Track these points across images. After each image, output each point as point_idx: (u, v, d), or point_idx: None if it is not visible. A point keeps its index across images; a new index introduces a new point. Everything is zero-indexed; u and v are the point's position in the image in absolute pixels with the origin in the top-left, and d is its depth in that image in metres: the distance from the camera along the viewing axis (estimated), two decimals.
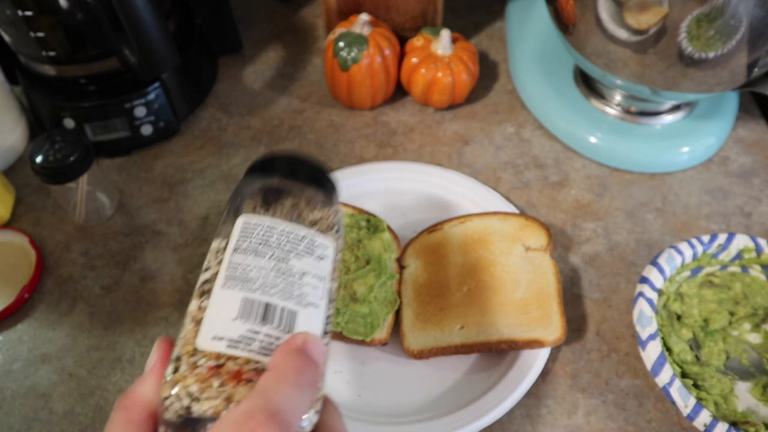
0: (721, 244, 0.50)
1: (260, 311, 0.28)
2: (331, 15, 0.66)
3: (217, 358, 0.26)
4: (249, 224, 0.30)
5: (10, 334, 0.51)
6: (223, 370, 0.26)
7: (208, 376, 0.26)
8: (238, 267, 0.29)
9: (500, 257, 0.50)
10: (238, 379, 0.26)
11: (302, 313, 0.28)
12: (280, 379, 0.25)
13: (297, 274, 0.29)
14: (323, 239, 0.31)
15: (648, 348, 0.45)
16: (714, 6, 0.44)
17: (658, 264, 0.48)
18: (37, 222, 0.57)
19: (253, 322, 0.27)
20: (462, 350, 0.46)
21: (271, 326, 0.27)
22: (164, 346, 0.29)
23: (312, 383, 0.26)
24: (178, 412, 0.25)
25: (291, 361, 0.26)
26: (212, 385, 0.25)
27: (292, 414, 0.25)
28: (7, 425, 0.46)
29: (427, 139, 0.62)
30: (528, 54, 0.66)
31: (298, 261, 0.30)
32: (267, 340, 0.27)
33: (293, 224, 0.31)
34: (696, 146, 0.59)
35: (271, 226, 0.30)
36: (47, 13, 0.52)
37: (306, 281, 0.29)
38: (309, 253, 0.30)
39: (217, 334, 0.27)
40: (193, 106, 0.65)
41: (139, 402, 0.27)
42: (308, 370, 0.26)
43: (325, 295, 0.30)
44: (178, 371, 0.26)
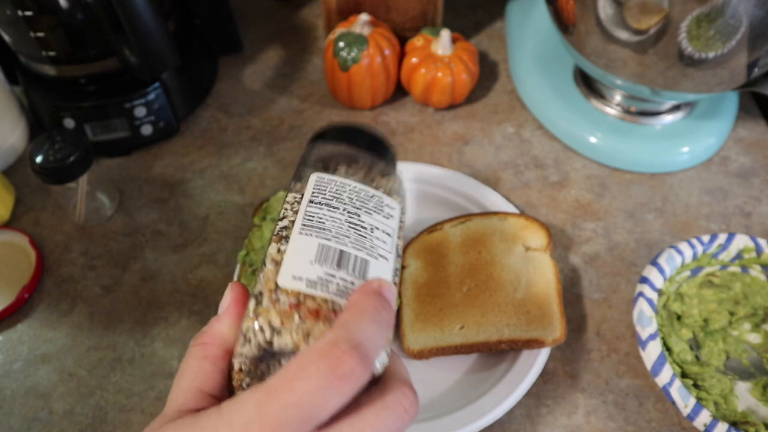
0: (721, 244, 0.50)
1: (336, 257, 0.29)
2: (331, 15, 0.66)
3: (297, 296, 0.27)
4: (323, 180, 0.32)
5: (10, 334, 0.51)
6: (302, 307, 0.27)
7: (290, 311, 0.27)
8: (314, 217, 0.30)
9: (500, 257, 0.50)
10: (317, 315, 0.27)
11: (373, 263, 0.30)
12: (360, 314, 0.27)
13: (368, 227, 0.31)
14: (390, 200, 0.33)
15: (648, 348, 0.45)
16: (714, 6, 0.44)
17: (658, 264, 0.48)
18: (37, 222, 0.57)
19: (329, 266, 0.29)
20: (462, 350, 0.46)
21: (345, 272, 0.29)
22: (238, 288, 0.30)
23: (388, 323, 0.28)
24: (260, 343, 0.27)
25: (369, 300, 0.27)
26: (293, 320, 0.27)
27: (371, 348, 0.26)
28: (7, 425, 0.46)
29: (427, 139, 0.62)
30: (528, 54, 0.66)
31: (368, 216, 0.32)
32: (342, 283, 0.28)
33: (362, 184, 0.33)
34: (696, 146, 0.59)
35: (343, 182, 0.32)
36: (47, 13, 0.52)
37: (376, 235, 0.31)
38: (378, 211, 0.32)
39: (297, 274, 0.28)
40: (193, 106, 0.65)
41: (216, 338, 0.29)
42: (385, 310, 0.27)
43: (393, 250, 0.32)
44: (260, 305, 0.27)
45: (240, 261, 0.50)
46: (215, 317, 0.30)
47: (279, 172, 0.60)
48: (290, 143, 0.62)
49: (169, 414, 0.27)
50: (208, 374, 0.28)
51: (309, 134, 0.63)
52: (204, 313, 0.51)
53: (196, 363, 0.28)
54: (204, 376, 0.28)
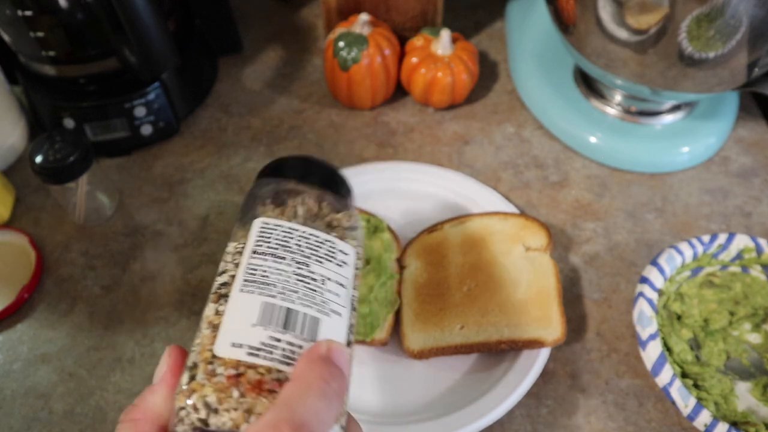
0: (722, 244, 0.50)
1: (281, 317, 0.26)
2: (331, 15, 0.66)
3: (237, 367, 0.24)
4: (267, 226, 0.29)
5: (10, 334, 0.51)
6: (243, 379, 0.24)
7: (228, 385, 0.24)
8: (257, 270, 0.27)
9: (500, 257, 0.50)
10: (260, 389, 0.24)
11: (325, 320, 0.27)
12: (305, 389, 0.24)
13: (318, 279, 0.28)
14: (343, 245, 0.30)
15: (648, 348, 0.45)
16: (714, 6, 0.44)
17: (658, 264, 0.48)
18: (37, 222, 0.57)
19: (274, 329, 0.26)
20: (462, 350, 0.46)
21: (293, 334, 0.26)
22: (175, 354, 0.27)
23: (338, 393, 0.25)
24: (194, 424, 0.24)
25: (316, 370, 0.24)
26: (232, 396, 0.24)
27: (318, 427, 0.23)
28: (7, 425, 0.46)
29: (427, 139, 0.62)
30: (528, 54, 0.66)
31: (318, 266, 0.28)
32: (289, 348, 0.25)
33: (312, 228, 0.29)
34: (696, 146, 0.59)
35: (290, 228, 0.29)
36: (47, 13, 0.52)
37: (328, 287, 0.28)
38: (330, 258, 0.29)
39: (237, 341, 0.25)
40: (193, 106, 0.65)
41: (148, 414, 0.26)
42: (334, 380, 0.24)
43: (347, 303, 0.29)
44: (194, 379, 0.24)
45: None
46: (149, 388, 0.26)
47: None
48: (290, 143, 0.62)
49: None
50: None
51: (309, 134, 0.63)
52: None
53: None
54: None
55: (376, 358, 0.48)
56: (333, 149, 0.61)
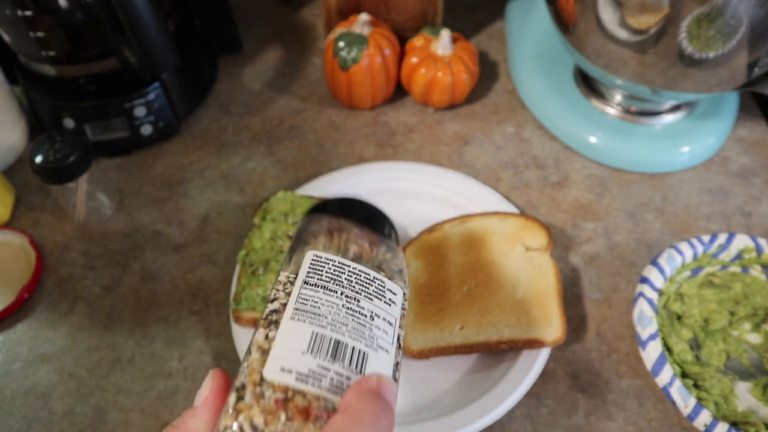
0: (722, 244, 0.50)
1: (330, 348, 0.26)
2: (331, 15, 0.66)
3: (285, 391, 0.24)
4: (319, 259, 0.29)
5: (10, 334, 0.51)
6: (290, 404, 0.24)
7: (275, 408, 0.24)
8: (308, 300, 0.28)
9: (500, 257, 0.50)
10: (307, 415, 0.24)
11: (372, 355, 0.27)
12: (356, 421, 0.23)
13: (367, 315, 0.28)
14: (392, 284, 0.30)
15: (648, 348, 0.45)
16: (714, 6, 0.44)
17: (659, 264, 0.48)
18: (37, 222, 0.57)
19: (323, 358, 0.26)
20: (462, 350, 0.46)
21: (341, 365, 0.26)
22: (218, 378, 0.27)
23: (387, 429, 0.24)
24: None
25: (367, 404, 0.24)
26: (279, 419, 0.24)
27: None
28: (7, 425, 0.46)
29: (427, 139, 0.62)
30: (528, 54, 0.66)
31: (368, 302, 0.29)
32: (337, 378, 0.25)
33: (363, 266, 0.30)
34: (696, 146, 0.59)
35: (341, 263, 0.29)
36: (47, 13, 0.52)
37: (376, 323, 0.28)
38: (379, 296, 0.29)
39: (286, 366, 0.25)
40: (193, 106, 0.65)
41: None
42: (385, 416, 0.24)
43: (394, 341, 0.29)
44: (242, 400, 0.24)
45: (240, 261, 0.50)
46: (189, 410, 0.26)
47: (279, 172, 0.60)
48: (290, 143, 0.62)
49: None
50: None
51: (309, 134, 0.63)
52: (204, 313, 0.51)
53: None
54: None
55: None
56: (333, 149, 0.61)
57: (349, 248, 0.31)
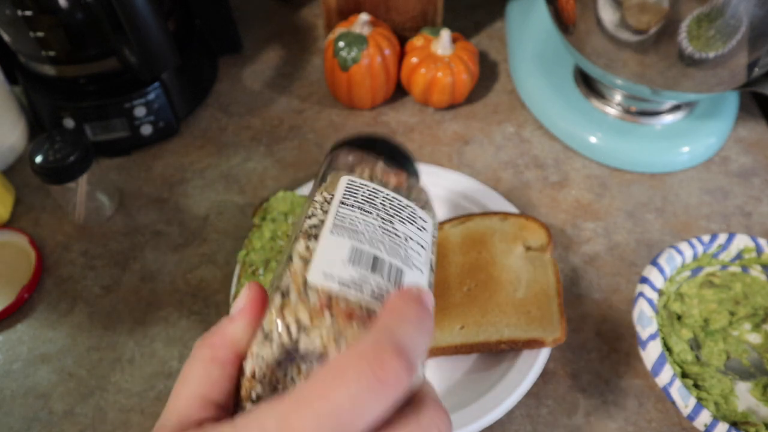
0: (722, 244, 0.50)
1: (370, 261, 0.27)
2: (331, 15, 0.66)
3: (329, 296, 0.25)
4: (354, 183, 0.30)
5: (10, 334, 0.51)
6: (335, 306, 0.24)
7: (320, 309, 0.24)
8: (346, 218, 0.28)
9: (500, 257, 0.50)
10: (351, 317, 0.24)
11: (408, 272, 0.28)
12: (403, 318, 0.24)
13: (402, 236, 0.29)
14: (423, 213, 0.31)
15: (648, 348, 0.45)
16: (714, 6, 0.44)
17: (659, 264, 0.48)
18: (37, 222, 0.57)
19: (363, 269, 0.26)
20: (462, 350, 0.46)
21: (380, 276, 0.26)
22: (256, 288, 0.27)
23: (430, 332, 0.25)
24: (284, 343, 0.24)
25: (411, 305, 0.24)
26: (325, 318, 0.24)
27: (416, 352, 0.23)
28: (7, 425, 0.46)
29: (427, 139, 0.62)
30: (528, 54, 0.66)
31: (402, 225, 0.29)
32: (377, 288, 0.26)
33: (395, 192, 0.31)
34: (696, 146, 0.59)
35: (375, 188, 0.30)
36: (47, 13, 0.52)
37: (410, 245, 0.29)
38: (411, 221, 0.30)
39: (329, 272, 0.26)
40: (193, 106, 0.65)
41: (227, 340, 0.26)
42: (428, 318, 0.25)
43: (427, 263, 0.29)
44: (287, 300, 0.25)
45: (240, 261, 0.50)
46: (227, 317, 0.27)
47: (279, 172, 0.60)
48: (290, 143, 0.62)
49: (168, 426, 0.24)
50: (215, 380, 0.25)
51: (309, 134, 0.63)
52: (204, 313, 0.51)
53: (202, 367, 0.25)
54: (210, 382, 0.25)
55: None
56: None
57: (380, 177, 0.32)
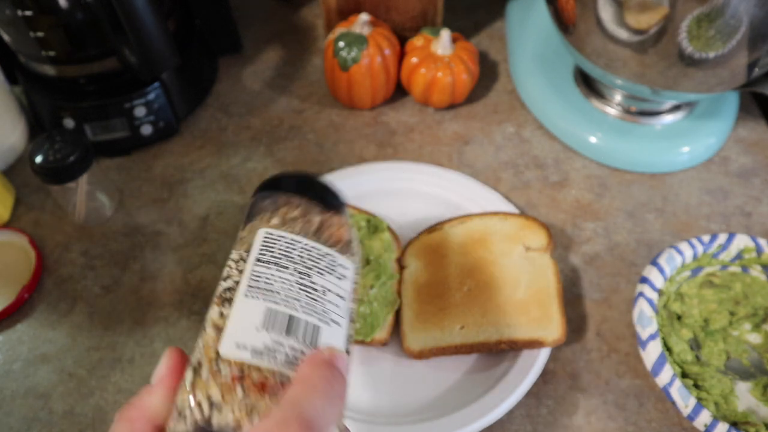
0: (722, 244, 0.50)
1: (284, 323, 0.27)
2: (331, 15, 0.66)
3: (241, 367, 0.25)
4: (271, 236, 0.30)
5: (10, 334, 0.51)
6: (247, 379, 0.25)
7: (232, 384, 0.24)
8: (261, 277, 0.28)
9: (500, 257, 0.50)
10: (263, 389, 0.25)
11: (325, 329, 0.28)
12: (310, 389, 0.24)
13: (319, 290, 0.29)
14: (343, 259, 0.31)
15: (648, 348, 0.45)
16: (714, 6, 0.44)
17: (659, 264, 0.48)
18: (37, 222, 0.57)
19: (277, 333, 0.26)
20: (462, 350, 0.46)
21: (295, 339, 0.26)
22: (175, 356, 0.27)
23: (341, 396, 0.25)
24: (196, 421, 0.24)
25: (320, 372, 0.25)
26: (236, 394, 0.24)
27: (324, 423, 0.23)
28: (7, 425, 0.46)
29: (427, 139, 0.62)
30: (528, 54, 0.66)
31: (320, 278, 0.29)
32: (291, 352, 0.26)
33: (314, 242, 0.30)
34: (696, 146, 0.59)
35: (293, 239, 0.30)
36: (47, 13, 0.52)
37: (328, 298, 0.29)
38: (330, 271, 0.30)
39: (241, 342, 0.26)
40: (193, 106, 0.65)
41: (145, 414, 0.26)
42: (337, 383, 0.25)
43: (346, 314, 0.29)
44: (199, 377, 0.25)
45: None
46: (146, 387, 0.26)
47: (279, 171, 0.60)
48: (290, 143, 0.62)
49: None
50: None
51: (309, 134, 0.63)
52: (203, 313, 0.51)
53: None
54: None
55: (376, 358, 0.48)
56: (333, 149, 0.61)
57: (300, 225, 0.31)
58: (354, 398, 0.46)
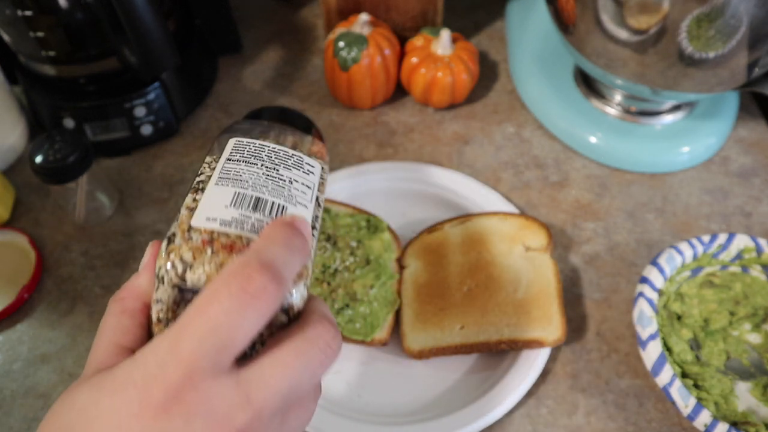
0: (722, 244, 0.50)
1: (251, 202, 0.29)
2: (331, 15, 0.66)
3: (211, 234, 0.27)
4: (241, 142, 0.32)
5: (10, 334, 0.51)
6: (216, 242, 0.27)
7: (202, 246, 0.27)
8: (231, 171, 0.31)
9: (500, 257, 0.50)
10: (231, 249, 0.27)
11: (291, 208, 0.30)
12: (270, 240, 0.26)
13: (286, 180, 0.31)
14: (310, 159, 0.33)
15: (648, 348, 0.45)
16: (714, 6, 0.44)
17: (659, 264, 0.48)
18: (37, 222, 0.57)
19: (245, 210, 0.29)
20: (462, 350, 0.46)
21: (261, 214, 0.29)
22: (157, 245, 0.29)
23: (301, 250, 0.27)
24: (172, 280, 0.26)
25: (281, 229, 0.27)
26: (206, 253, 0.27)
27: (284, 268, 0.25)
28: (7, 425, 0.46)
29: (427, 139, 0.62)
30: (528, 54, 0.66)
31: (287, 171, 0.32)
32: (258, 223, 0.28)
33: (282, 146, 0.33)
34: (696, 146, 0.59)
35: (262, 144, 0.32)
36: (47, 13, 0.52)
37: (295, 186, 0.31)
38: (298, 167, 0.32)
39: (211, 216, 0.28)
40: (193, 106, 0.65)
41: (133, 293, 0.29)
42: (296, 237, 0.27)
43: (313, 199, 0.31)
44: (172, 243, 0.27)
45: None
46: (134, 275, 0.30)
47: None
48: None
49: (87, 373, 0.27)
50: (127, 329, 0.28)
51: None
52: None
53: (114, 319, 0.28)
54: (122, 331, 0.28)
55: (376, 358, 0.48)
56: (333, 149, 0.61)
57: (270, 137, 0.34)
58: (355, 398, 0.46)
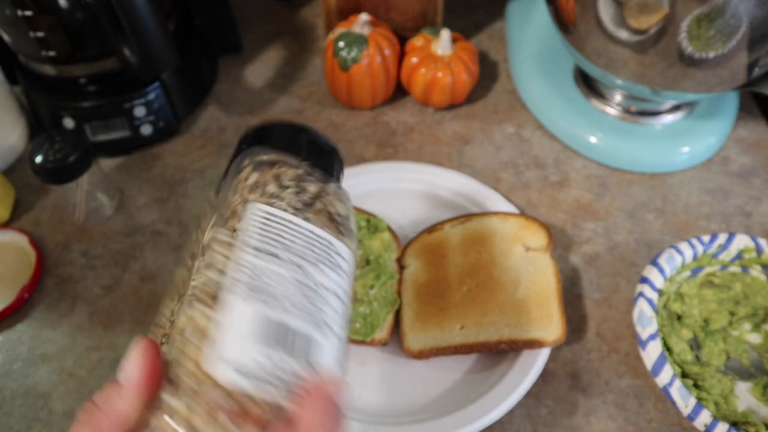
0: (722, 244, 0.50)
1: (275, 331, 0.24)
2: (331, 15, 0.66)
3: (228, 394, 0.22)
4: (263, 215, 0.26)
5: (10, 334, 0.51)
6: (232, 405, 0.22)
7: (215, 409, 0.22)
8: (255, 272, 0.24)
9: (500, 257, 0.50)
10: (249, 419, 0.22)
11: (319, 339, 0.25)
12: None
13: (312, 286, 0.25)
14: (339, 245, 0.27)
15: (648, 348, 0.45)
16: (714, 6, 0.44)
17: (659, 264, 0.48)
18: (37, 222, 0.57)
19: (267, 346, 0.23)
20: (462, 350, 0.46)
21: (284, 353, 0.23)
22: (147, 352, 0.24)
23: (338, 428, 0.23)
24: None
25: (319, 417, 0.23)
26: (219, 421, 0.22)
27: None
28: (6, 425, 0.46)
29: (427, 139, 0.62)
30: (528, 54, 0.66)
31: (313, 269, 0.26)
32: (286, 376, 0.23)
33: (310, 224, 0.26)
34: (696, 146, 0.59)
35: (286, 220, 0.26)
36: (47, 13, 0.52)
37: (322, 294, 0.25)
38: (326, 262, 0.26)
39: (230, 358, 0.22)
40: (193, 106, 0.65)
41: (113, 419, 0.23)
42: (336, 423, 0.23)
43: (341, 316, 0.26)
44: (177, 397, 0.22)
45: None
46: (115, 390, 0.23)
47: None
48: None
49: None
50: None
51: None
52: None
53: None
54: None
55: (376, 358, 0.48)
56: None
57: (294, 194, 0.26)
58: (354, 398, 0.46)
